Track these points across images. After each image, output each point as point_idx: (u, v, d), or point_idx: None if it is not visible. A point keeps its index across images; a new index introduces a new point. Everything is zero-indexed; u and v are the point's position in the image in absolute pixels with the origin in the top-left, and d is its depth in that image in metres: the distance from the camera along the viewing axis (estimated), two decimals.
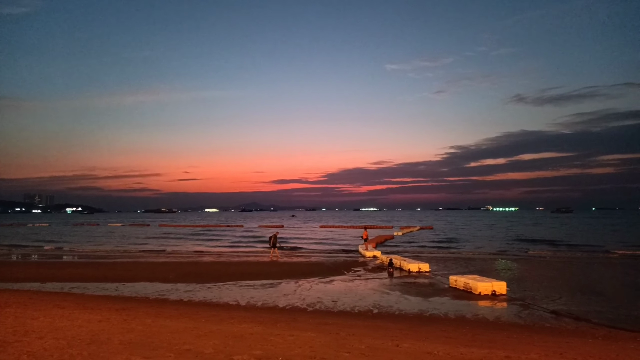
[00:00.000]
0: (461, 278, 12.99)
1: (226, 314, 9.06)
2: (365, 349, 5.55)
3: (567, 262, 20.86)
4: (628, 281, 14.70)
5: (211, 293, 12.44)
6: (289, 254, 24.78)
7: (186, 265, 19.63)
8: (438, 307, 10.53)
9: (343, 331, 7.06)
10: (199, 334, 6.51)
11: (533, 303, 10.83)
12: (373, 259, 21.45)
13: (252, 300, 11.36)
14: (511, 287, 12.62)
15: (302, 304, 10.84)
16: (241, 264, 19.74)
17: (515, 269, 18.17)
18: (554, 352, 5.82)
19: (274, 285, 13.75)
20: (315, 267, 18.25)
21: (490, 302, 11.12)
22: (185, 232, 49.84)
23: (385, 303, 10.94)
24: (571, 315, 9.50)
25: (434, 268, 17.38)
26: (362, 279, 15.08)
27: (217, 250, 28.61)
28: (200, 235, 45.45)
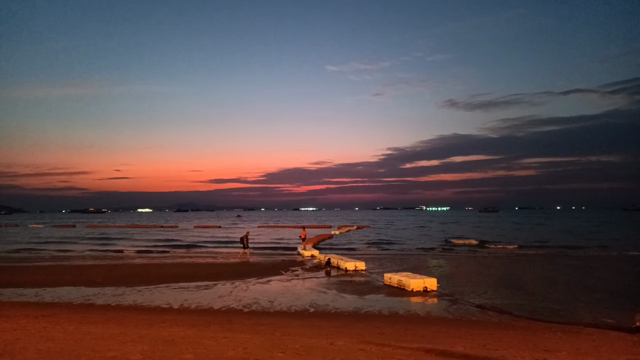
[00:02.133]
0: (395, 275, 13.38)
1: (157, 318, 8.71)
2: (300, 348, 5.54)
3: (493, 258, 22.15)
4: (545, 276, 15.85)
5: (142, 297, 11.91)
6: (225, 255, 24.31)
7: (115, 268, 18.66)
8: (373, 304, 10.77)
9: (278, 331, 7.02)
10: (126, 339, 6.20)
11: (461, 298, 11.38)
12: (311, 258, 21.56)
13: (185, 303, 11.01)
14: (441, 283, 13.18)
15: (238, 305, 10.67)
16: (175, 266, 19.08)
17: (445, 265, 19.02)
18: (478, 344, 6.14)
19: (209, 287, 13.42)
20: (253, 268, 18.04)
21: (422, 298, 11.54)
22: (115, 233, 47.40)
23: (321, 302, 11.02)
24: (495, 309, 10.08)
25: (370, 266, 17.76)
26: (300, 279, 15.10)
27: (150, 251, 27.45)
28: (132, 236, 43.42)
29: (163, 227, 64.92)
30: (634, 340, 6.79)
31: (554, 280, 14.73)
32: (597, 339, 6.94)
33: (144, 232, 50.26)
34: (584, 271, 17.07)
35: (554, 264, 19.71)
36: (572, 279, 15.02)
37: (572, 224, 68.05)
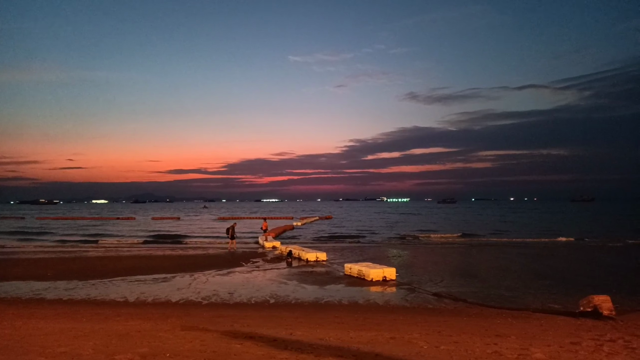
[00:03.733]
0: (355, 266, 13.55)
1: (112, 312, 8.46)
2: (259, 339, 5.53)
3: (450, 248, 22.83)
4: (497, 264, 16.49)
5: (96, 290, 11.52)
6: (184, 247, 23.88)
7: (68, 261, 17.95)
8: (333, 294, 10.88)
9: (237, 323, 6.98)
10: (78, 334, 5.99)
11: (419, 287, 11.67)
12: (272, 249, 21.50)
13: (142, 296, 10.74)
14: (400, 273, 13.46)
15: (197, 297, 10.51)
16: (132, 258, 18.56)
17: (404, 255, 19.44)
18: (433, 331, 6.32)
19: (167, 279, 13.14)
20: (213, 260, 17.80)
21: (381, 288, 11.76)
22: (68, 225, 45.56)
23: (282, 293, 11.03)
24: (450, 296, 10.40)
25: (331, 257, 17.90)
26: (261, 270, 15.04)
27: (106, 243, 26.57)
28: (87, 228, 41.86)
29: (119, 218, 62.91)
30: (578, 323, 7.18)
31: (506, 268, 15.35)
32: (545, 323, 7.29)
33: (99, 224, 48.55)
34: (533, 259, 17.87)
35: (507, 252, 20.53)
36: (522, 267, 15.70)
37: (522, 214, 71.02)
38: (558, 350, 5.09)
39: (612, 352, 5.01)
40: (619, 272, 14.59)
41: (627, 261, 17.66)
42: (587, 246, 23.77)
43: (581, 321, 7.38)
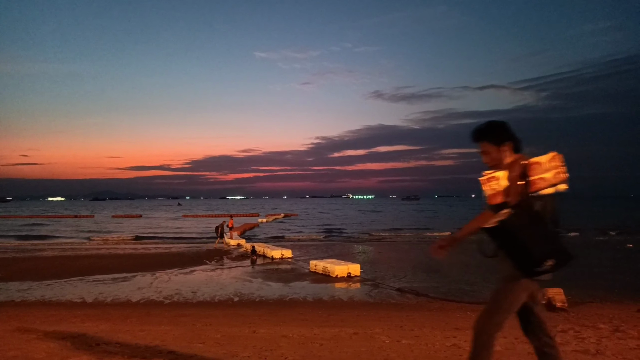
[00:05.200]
0: (320, 262, 13.61)
1: (68, 313, 8.16)
2: (221, 337, 5.46)
3: (413, 244, 23.27)
4: (459, 260, 16.92)
5: (51, 291, 11.09)
6: (146, 246, 23.31)
7: (21, 260, 17.18)
8: (298, 291, 10.89)
9: (200, 322, 6.87)
10: (31, 337, 5.73)
11: (382, 282, 11.84)
12: (237, 247, 21.29)
13: (100, 296, 10.41)
14: (365, 269, 13.62)
15: (159, 296, 10.29)
16: (90, 257, 17.96)
17: (369, 252, 19.69)
18: (395, 325, 6.42)
19: (127, 278, 12.79)
20: (176, 258, 17.46)
21: (345, 284, 11.86)
22: (22, 224, 43.57)
23: (246, 291, 10.94)
24: (413, 292, 10.61)
25: (296, 254, 17.90)
26: (225, 268, 14.88)
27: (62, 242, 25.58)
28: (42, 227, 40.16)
29: (77, 216, 60.74)
30: None
31: (467, 263, 15.76)
32: None
33: (55, 223, 46.70)
34: None
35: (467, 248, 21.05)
36: (481, 261, 16.08)
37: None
38: (513, 342, 5.27)
39: (563, 342, 5.22)
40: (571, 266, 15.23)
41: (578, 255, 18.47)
42: None
43: None
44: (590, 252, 19.43)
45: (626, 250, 19.73)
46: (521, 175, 2.45)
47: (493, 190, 2.54)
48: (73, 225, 42.59)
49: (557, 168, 2.43)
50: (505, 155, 2.57)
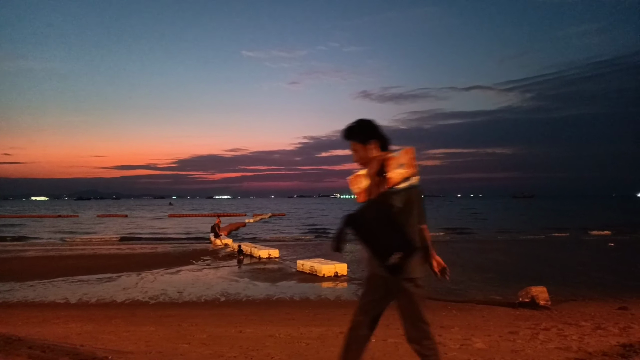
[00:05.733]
0: (307, 262, 13.61)
1: (51, 314, 8.04)
2: (207, 338, 5.44)
3: None
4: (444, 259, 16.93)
5: (34, 292, 10.91)
6: (131, 246, 23.07)
7: (2, 261, 16.87)
8: (285, 290, 10.88)
9: (186, 322, 6.83)
10: (12, 339, 5.63)
11: None
12: (224, 247, 21.18)
13: (85, 297, 10.28)
14: (352, 268, 13.65)
15: (144, 297, 10.19)
16: (75, 258, 17.70)
17: (356, 251, 19.70)
18: (381, 324, 6.30)
19: (112, 279, 12.64)
20: (162, 258, 17.30)
21: (332, 283, 11.88)
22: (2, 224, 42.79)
23: (233, 290, 10.90)
24: None
25: (283, 253, 17.87)
26: (212, 268, 14.79)
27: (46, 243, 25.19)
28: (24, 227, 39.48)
29: (61, 216, 59.84)
30: (517, 314, 7.57)
31: (452, 261, 15.90)
32: (487, 314, 7.63)
33: (38, 222, 45.96)
34: (477, 253, 18.66)
35: (453, 247, 21.31)
36: (467, 260, 16.34)
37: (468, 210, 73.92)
38: (497, 340, 5.34)
39: (546, 340, 5.31)
40: (554, 265, 15.51)
41: (562, 254, 18.81)
42: (525, 240, 25.10)
43: (520, 311, 7.79)
44: (573, 251, 19.76)
45: (608, 249, 20.09)
46: (379, 172, 2.48)
47: (358, 189, 2.61)
48: (56, 225, 41.96)
49: (410, 162, 2.47)
50: (372, 154, 2.60)
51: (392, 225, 2.44)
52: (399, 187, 2.43)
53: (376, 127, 2.69)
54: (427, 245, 2.80)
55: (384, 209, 2.44)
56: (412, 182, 2.47)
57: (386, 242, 2.45)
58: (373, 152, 2.61)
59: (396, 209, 2.45)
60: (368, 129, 2.68)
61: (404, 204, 2.47)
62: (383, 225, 2.44)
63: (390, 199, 2.43)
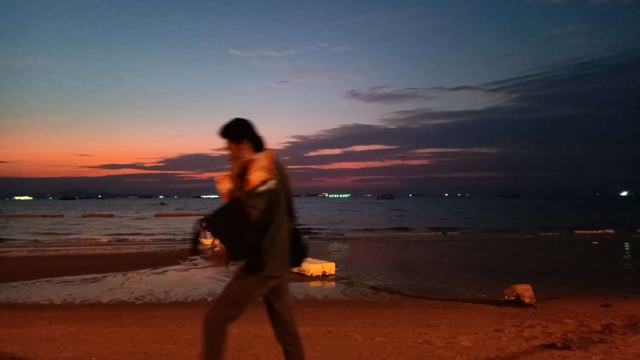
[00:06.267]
0: None
1: (34, 316, 7.90)
2: (193, 338, 5.40)
3: (387, 242, 23.50)
4: (432, 257, 17.20)
5: (17, 293, 10.72)
6: (117, 246, 22.82)
7: None
8: None
9: (172, 322, 6.77)
10: None
11: (357, 281, 11.91)
12: (212, 246, 21.04)
13: (69, 297, 10.13)
14: (339, 268, 13.66)
15: (130, 297, 10.08)
16: (59, 258, 17.45)
17: (344, 250, 19.77)
18: (369, 323, 6.48)
19: (97, 279, 12.49)
20: (148, 258, 17.14)
21: (320, 283, 11.88)
22: None
23: (220, 290, 10.82)
24: (387, 289, 10.71)
25: None
26: (199, 268, 14.71)
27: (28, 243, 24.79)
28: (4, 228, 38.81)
29: (46, 216, 58.94)
30: (502, 312, 7.65)
31: (439, 261, 16.04)
32: (473, 312, 7.70)
33: (21, 222, 45.20)
34: (464, 252, 18.83)
35: (440, 246, 21.48)
36: (454, 259, 16.48)
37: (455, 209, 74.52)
38: (483, 338, 5.39)
39: (530, 337, 5.38)
40: (539, 263, 15.71)
41: (547, 252, 19.06)
42: (511, 239, 25.39)
43: (505, 309, 7.87)
44: (557, 250, 20.03)
45: (591, 248, 20.42)
46: (240, 174, 2.52)
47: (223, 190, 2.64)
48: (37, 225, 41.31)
49: (268, 166, 2.50)
50: (243, 154, 2.65)
51: (245, 227, 2.48)
52: (260, 189, 2.45)
53: (250, 127, 2.73)
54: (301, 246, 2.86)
55: (241, 211, 2.46)
56: (270, 186, 2.48)
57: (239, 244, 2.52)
58: (245, 152, 2.64)
59: (257, 212, 2.47)
60: (242, 128, 2.72)
61: (267, 206, 2.51)
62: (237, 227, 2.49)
63: (250, 201, 2.44)
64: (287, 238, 2.73)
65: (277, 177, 2.53)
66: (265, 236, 2.57)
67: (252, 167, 2.48)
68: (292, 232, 2.80)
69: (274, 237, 2.61)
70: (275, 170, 2.54)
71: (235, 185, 2.54)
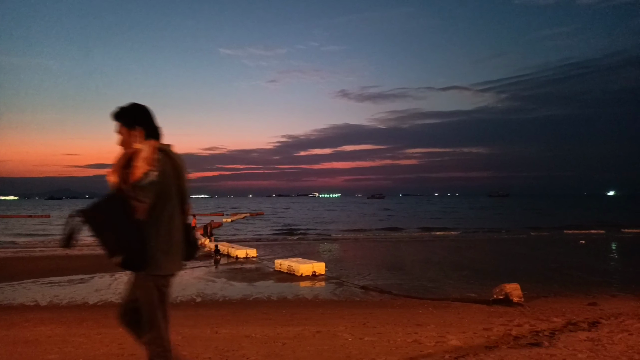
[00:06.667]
0: (285, 261, 13.56)
1: (20, 318, 7.78)
2: (181, 339, 5.35)
3: (377, 242, 23.56)
4: (421, 257, 17.27)
5: (2, 294, 10.56)
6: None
7: None
8: (262, 290, 10.80)
9: None
10: None
11: (347, 280, 11.91)
12: (201, 247, 20.93)
13: (55, 299, 10.00)
14: (329, 267, 13.66)
15: (118, 299, 9.96)
16: (46, 259, 17.24)
17: (334, 250, 19.78)
18: (359, 323, 6.48)
19: (85, 280, 12.34)
20: None
21: (310, 283, 11.86)
22: None
23: (209, 291, 10.77)
24: (377, 289, 10.72)
25: (261, 253, 17.77)
26: (187, 268, 14.58)
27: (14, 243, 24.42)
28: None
29: (32, 216, 58.15)
30: (491, 311, 7.70)
31: (429, 260, 16.12)
32: (462, 311, 7.74)
33: (6, 223, 44.54)
34: (453, 251, 18.94)
35: (430, 245, 21.58)
36: (443, 258, 16.57)
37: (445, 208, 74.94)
38: (472, 337, 5.42)
39: (518, 336, 5.42)
40: (528, 262, 15.85)
41: (535, 251, 19.23)
42: (500, 238, 25.60)
43: (494, 308, 7.93)
44: (545, 249, 20.23)
45: (579, 247, 20.65)
46: (125, 165, 2.39)
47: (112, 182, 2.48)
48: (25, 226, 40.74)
49: (151, 156, 2.38)
50: (134, 141, 2.51)
51: (131, 222, 2.35)
52: (145, 181, 2.32)
53: (147, 114, 2.59)
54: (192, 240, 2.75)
55: (125, 205, 2.34)
56: (152, 179, 2.34)
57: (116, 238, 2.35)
58: (136, 139, 2.50)
59: (143, 206, 2.35)
60: (137, 113, 2.57)
61: (155, 199, 2.38)
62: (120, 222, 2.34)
63: (135, 195, 2.32)
64: (180, 233, 2.59)
65: (161, 169, 2.39)
66: (155, 232, 2.42)
67: (136, 158, 2.36)
68: (184, 227, 2.65)
69: (166, 233, 2.47)
70: (160, 162, 2.40)
71: (120, 178, 2.39)
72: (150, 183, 2.33)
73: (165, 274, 2.55)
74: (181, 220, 2.63)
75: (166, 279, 2.57)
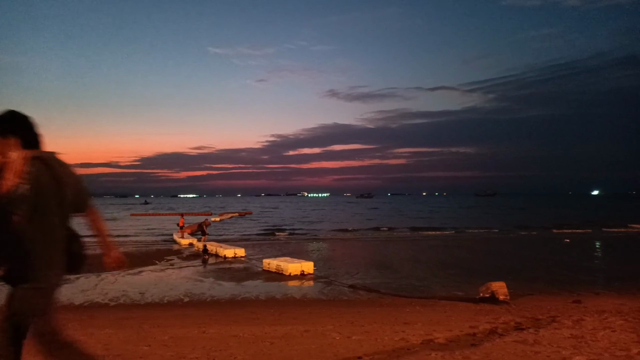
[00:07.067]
0: (274, 261, 13.55)
1: None
2: (169, 339, 5.32)
3: (366, 241, 23.63)
4: (409, 256, 17.37)
5: None
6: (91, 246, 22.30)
7: None
8: (251, 290, 10.78)
9: (147, 324, 6.66)
10: None
11: (335, 280, 11.94)
12: (189, 246, 20.82)
13: None
14: (318, 267, 13.68)
15: (104, 299, 9.89)
16: None
17: (323, 249, 19.80)
18: (346, 322, 6.50)
19: (70, 280, 12.18)
20: None
21: (299, 282, 11.87)
22: None
23: (197, 291, 10.72)
24: (365, 288, 10.77)
25: (249, 252, 17.73)
26: (176, 268, 14.51)
27: None
28: None
29: None
30: (477, 309, 7.78)
31: (417, 259, 16.23)
32: (449, 309, 7.81)
33: None
34: (441, 250, 19.09)
35: (417, 244, 21.71)
36: (431, 257, 16.69)
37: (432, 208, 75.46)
38: (458, 335, 5.47)
39: (504, 334, 5.48)
40: (514, 260, 16.04)
41: (521, 250, 19.47)
42: (487, 237, 25.85)
43: (480, 306, 8.01)
44: (531, 248, 20.49)
45: (564, 245, 20.95)
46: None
47: None
48: None
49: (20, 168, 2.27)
50: (9, 150, 2.37)
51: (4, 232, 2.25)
52: (14, 195, 2.22)
53: (23, 122, 2.46)
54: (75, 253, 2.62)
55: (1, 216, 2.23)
56: (22, 192, 2.24)
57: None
58: (10, 148, 2.37)
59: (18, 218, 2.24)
60: (12, 122, 2.44)
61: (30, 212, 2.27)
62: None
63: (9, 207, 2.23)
64: (63, 245, 2.48)
65: (34, 181, 2.27)
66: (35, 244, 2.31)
67: (6, 169, 2.25)
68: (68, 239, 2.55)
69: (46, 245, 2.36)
70: (33, 174, 2.27)
71: None
72: (20, 196, 2.23)
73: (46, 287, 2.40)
74: (65, 232, 2.51)
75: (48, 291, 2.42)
